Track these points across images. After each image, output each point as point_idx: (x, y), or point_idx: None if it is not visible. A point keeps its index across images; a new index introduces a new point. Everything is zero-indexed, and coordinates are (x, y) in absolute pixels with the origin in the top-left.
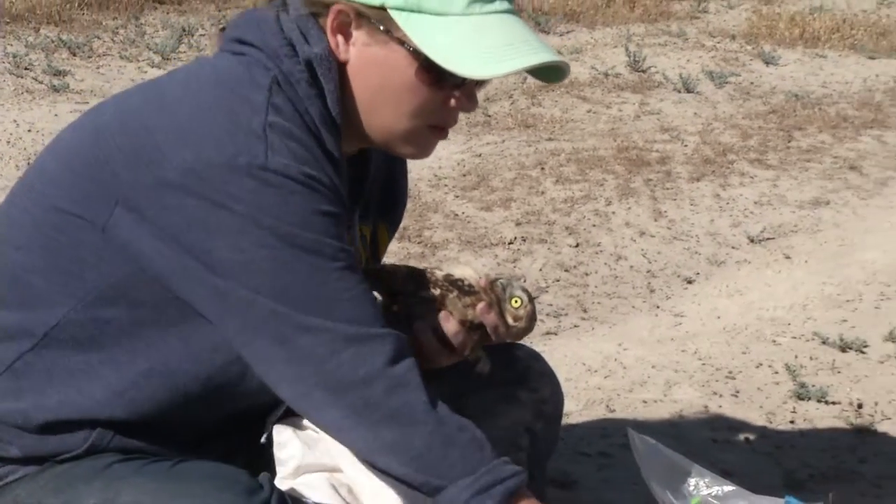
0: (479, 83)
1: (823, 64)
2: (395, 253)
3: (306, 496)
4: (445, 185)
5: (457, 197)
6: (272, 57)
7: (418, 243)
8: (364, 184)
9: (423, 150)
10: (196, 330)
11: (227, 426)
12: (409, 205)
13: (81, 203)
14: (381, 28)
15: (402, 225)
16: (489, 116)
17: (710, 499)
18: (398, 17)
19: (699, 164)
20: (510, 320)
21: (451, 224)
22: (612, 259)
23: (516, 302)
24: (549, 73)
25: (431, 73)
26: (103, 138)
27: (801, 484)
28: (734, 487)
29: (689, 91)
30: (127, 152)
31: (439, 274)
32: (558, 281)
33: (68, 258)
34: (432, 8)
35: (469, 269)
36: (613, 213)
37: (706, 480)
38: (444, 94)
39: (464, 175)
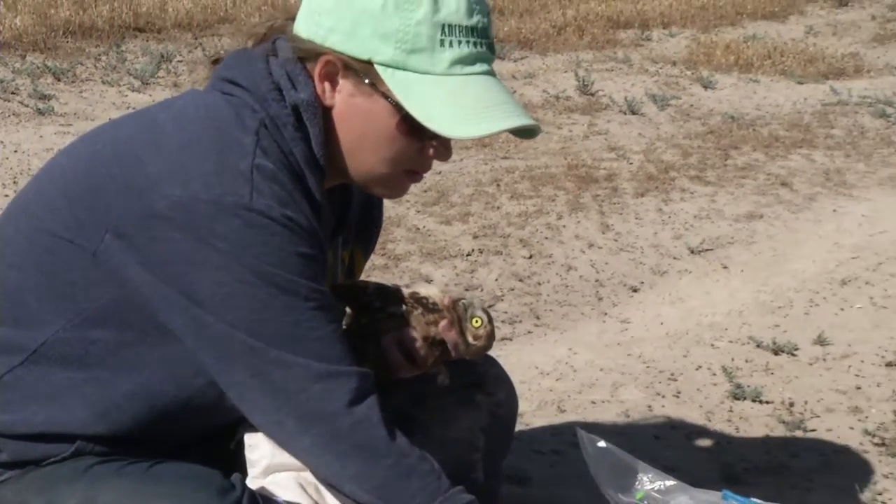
0: None
1: (757, 88)
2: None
3: (276, 495)
4: (408, 201)
5: (418, 212)
6: (260, 100)
7: (382, 255)
8: (348, 212)
9: (398, 192)
10: (178, 355)
11: (202, 436)
12: None
13: (74, 229)
14: (367, 81)
15: None
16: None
17: (653, 493)
18: (384, 73)
19: (643, 180)
20: (470, 339)
21: (413, 237)
22: (563, 269)
23: (477, 322)
24: (523, 131)
25: (411, 126)
26: (97, 167)
27: (738, 477)
28: (675, 482)
29: (633, 113)
30: (119, 182)
31: (406, 291)
32: (513, 290)
33: (61, 280)
34: (417, 67)
35: (434, 288)
36: (564, 226)
37: (650, 476)
38: (422, 144)
39: (425, 191)
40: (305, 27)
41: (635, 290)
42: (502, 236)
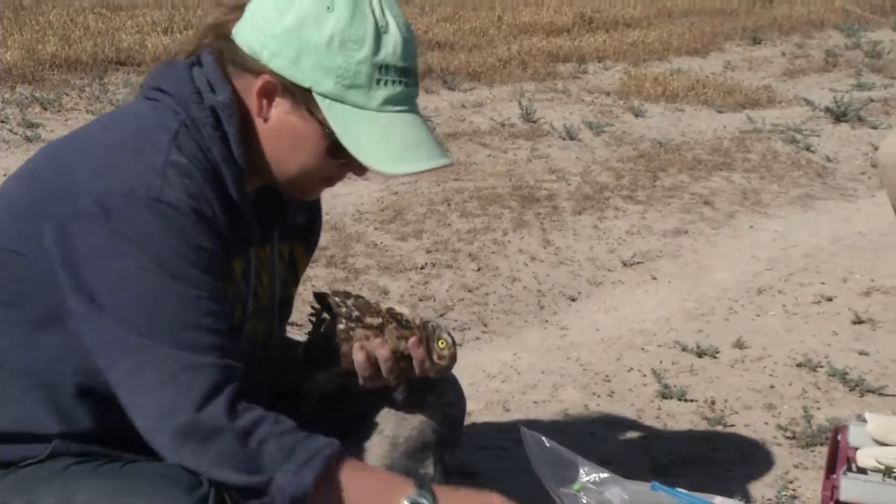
0: None
1: (682, 116)
2: (324, 277)
3: None
4: (367, 219)
5: (376, 229)
6: (182, 103)
7: (343, 269)
8: (284, 209)
9: (312, 196)
10: None
11: None
12: (335, 235)
13: (17, 239)
14: (304, 107)
15: (329, 253)
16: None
17: (589, 484)
18: (321, 102)
19: (580, 200)
20: (435, 357)
21: (371, 252)
22: (508, 281)
23: (442, 343)
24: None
25: (338, 149)
26: (35, 179)
27: (665, 469)
28: (609, 474)
29: (571, 139)
30: (52, 188)
31: (383, 306)
32: (462, 300)
33: (11, 290)
34: (353, 101)
35: (407, 307)
36: (509, 241)
37: (586, 469)
38: (343, 162)
39: (382, 210)
40: (249, 43)
41: (573, 300)
42: (453, 251)
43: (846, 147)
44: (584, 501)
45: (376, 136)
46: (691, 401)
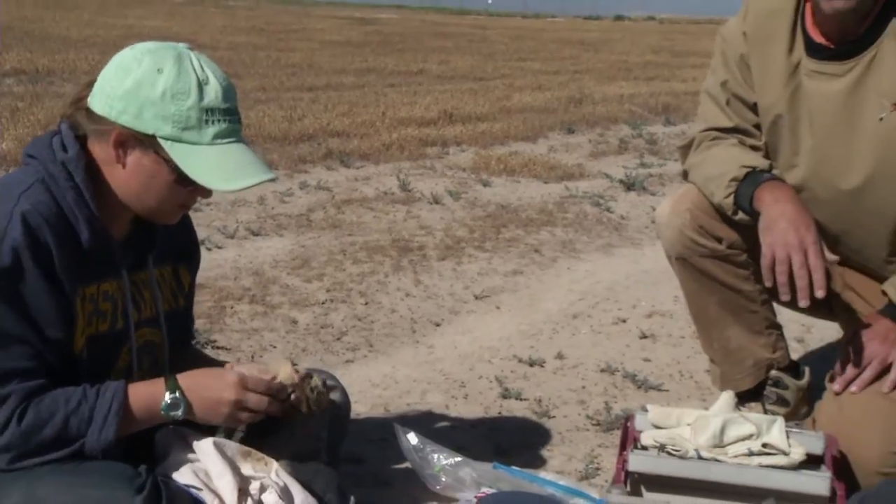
0: None
1: (518, 186)
2: (248, 311)
3: (175, 479)
4: (280, 266)
5: (288, 273)
6: (42, 163)
7: (262, 304)
8: (154, 239)
9: (172, 221)
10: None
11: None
12: (256, 279)
13: None
14: (152, 150)
15: (252, 293)
16: (311, 221)
17: (447, 466)
18: (164, 143)
19: (443, 249)
20: (313, 397)
21: (284, 291)
22: (389, 311)
23: (314, 386)
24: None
25: (184, 179)
26: None
27: (505, 452)
28: (462, 458)
29: (437, 203)
30: None
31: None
32: (354, 327)
33: None
34: (189, 139)
35: (288, 369)
36: (389, 282)
37: (444, 455)
38: (192, 189)
39: (293, 259)
40: (100, 107)
41: (438, 325)
42: (346, 290)
43: (635, 209)
44: (443, 479)
45: (212, 164)
46: (524, 399)
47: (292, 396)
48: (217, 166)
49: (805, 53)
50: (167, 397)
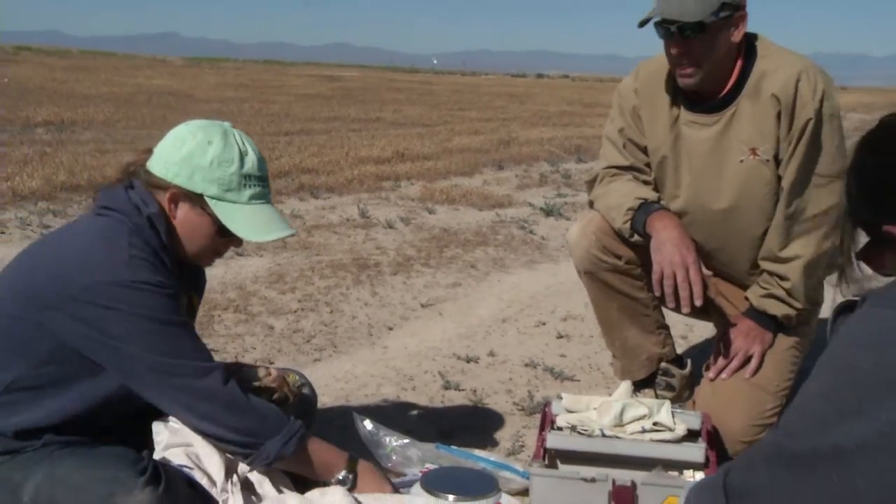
0: None
1: (457, 213)
2: (232, 318)
3: (171, 461)
4: (260, 281)
5: (266, 287)
6: (126, 215)
7: (244, 313)
8: (183, 273)
9: (210, 263)
10: (102, 377)
11: (125, 423)
12: (239, 292)
13: (20, 309)
14: (199, 206)
15: (235, 304)
16: (285, 243)
17: (397, 447)
18: (210, 201)
19: (395, 266)
20: (293, 388)
21: (263, 302)
22: (350, 318)
23: (293, 381)
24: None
25: (223, 232)
26: (28, 271)
27: (446, 435)
28: (410, 440)
29: (391, 228)
30: (45, 276)
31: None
32: (321, 331)
33: (16, 341)
34: (230, 199)
35: (275, 372)
36: (351, 293)
37: (394, 437)
38: (227, 240)
39: (270, 275)
40: (159, 169)
41: (391, 329)
42: (315, 300)
43: (553, 231)
44: (394, 458)
45: (247, 220)
46: (462, 390)
47: (275, 395)
48: (251, 222)
49: (683, 107)
50: (345, 470)
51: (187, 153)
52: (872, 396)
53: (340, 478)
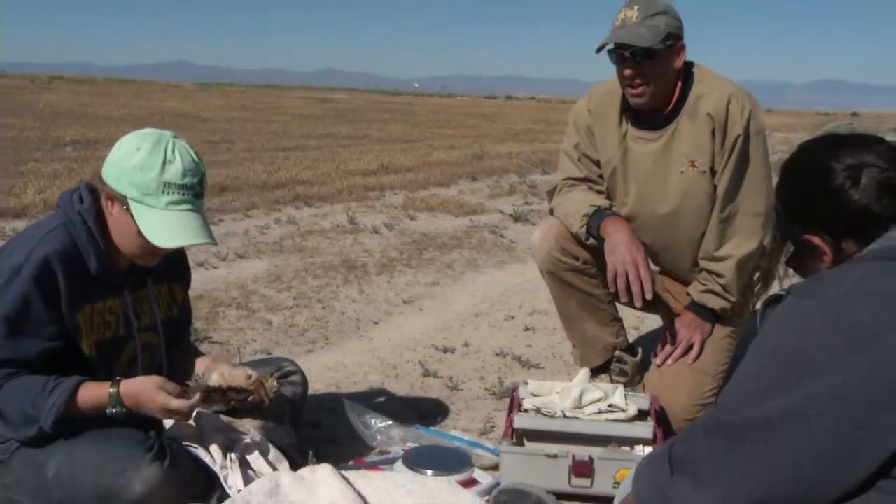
0: None
1: (436, 219)
2: (234, 315)
3: (177, 439)
4: (259, 281)
5: (264, 286)
6: (65, 211)
7: (245, 310)
8: (150, 267)
9: (151, 263)
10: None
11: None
12: (241, 291)
13: None
14: (125, 207)
15: (238, 301)
16: (282, 247)
17: (381, 429)
18: (131, 203)
19: (380, 266)
20: (269, 390)
21: (262, 300)
22: (340, 313)
23: (270, 384)
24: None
25: (143, 235)
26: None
27: (425, 418)
28: (392, 422)
29: (377, 233)
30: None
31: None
32: (314, 325)
33: None
34: (148, 203)
35: (247, 372)
36: (341, 291)
37: (379, 419)
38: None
39: (269, 275)
40: (104, 171)
41: (377, 323)
42: (308, 298)
43: (521, 235)
44: (379, 438)
45: (158, 224)
46: (440, 377)
47: (250, 398)
48: (161, 226)
49: (630, 124)
50: (109, 410)
51: (119, 157)
52: (795, 374)
53: (110, 414)
